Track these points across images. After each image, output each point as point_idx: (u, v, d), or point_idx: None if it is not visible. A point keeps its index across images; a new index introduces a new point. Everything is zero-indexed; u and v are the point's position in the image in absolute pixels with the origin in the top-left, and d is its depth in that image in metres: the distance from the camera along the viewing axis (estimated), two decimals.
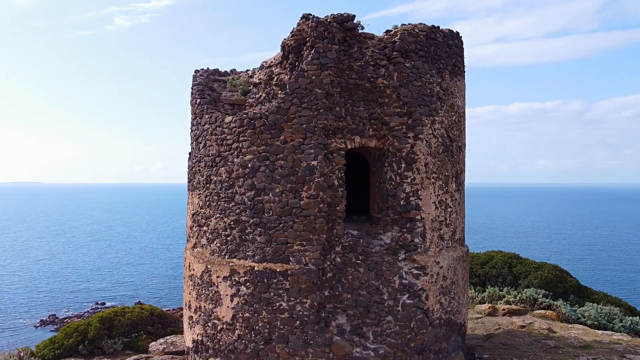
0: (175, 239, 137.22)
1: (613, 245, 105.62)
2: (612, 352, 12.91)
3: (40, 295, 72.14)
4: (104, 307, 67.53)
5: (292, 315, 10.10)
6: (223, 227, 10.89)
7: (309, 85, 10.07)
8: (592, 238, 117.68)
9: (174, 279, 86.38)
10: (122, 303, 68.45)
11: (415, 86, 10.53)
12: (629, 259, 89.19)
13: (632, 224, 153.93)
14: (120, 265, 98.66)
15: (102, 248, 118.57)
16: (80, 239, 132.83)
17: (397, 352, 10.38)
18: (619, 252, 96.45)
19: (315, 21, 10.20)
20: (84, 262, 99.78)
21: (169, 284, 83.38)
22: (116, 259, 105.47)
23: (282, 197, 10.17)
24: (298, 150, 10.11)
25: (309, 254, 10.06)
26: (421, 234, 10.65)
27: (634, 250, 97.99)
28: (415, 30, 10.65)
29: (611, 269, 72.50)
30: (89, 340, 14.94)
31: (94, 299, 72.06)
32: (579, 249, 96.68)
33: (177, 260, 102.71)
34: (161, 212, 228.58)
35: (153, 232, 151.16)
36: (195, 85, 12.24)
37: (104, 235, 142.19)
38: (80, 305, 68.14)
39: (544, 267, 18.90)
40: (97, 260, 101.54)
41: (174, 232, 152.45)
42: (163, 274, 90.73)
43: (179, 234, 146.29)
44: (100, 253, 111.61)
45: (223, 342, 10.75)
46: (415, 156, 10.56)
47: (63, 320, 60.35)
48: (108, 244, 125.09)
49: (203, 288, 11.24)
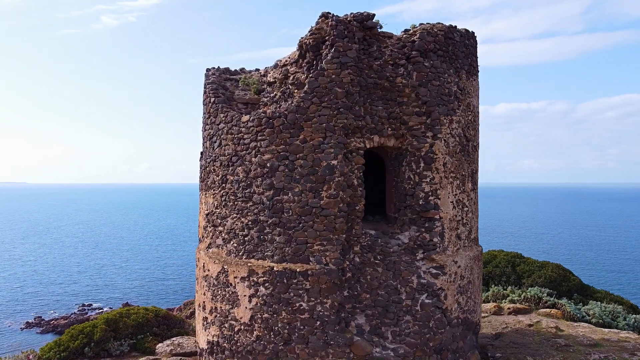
0: (162, 239, 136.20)
1: (601, 244, 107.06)
2: (622, 350, 13.03)
3: (26, 297, 71.08)
4: (91, 308, 66.75)
5: (312, 315, 10.04)
6: (240, 227, 10.78)
7: (328, 84, 10.01)
8: (579, 237, 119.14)
9: (162, 280, 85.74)
10: (109, 305, 67.78)
11: (434, 85, 10.53)
12: (616, 257, 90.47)
13: (616, 224, 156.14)
14: (107, 266, 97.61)
15: (88, 249, 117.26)
16: (66, 240, 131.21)
17: (417, 352, 10.36)
18: (607, 251, 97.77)
19: (335, 20, 10.15)
20: (70, 263, 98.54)
21: (157, 285, 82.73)
22: (103, 259, 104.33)
23: (302, 197, 10.10)
24: (318, 150, 10.05)
25: (329, 254, 10.00)
26: (440, 234, 10.65)
27: (620, 249, 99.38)
28: (434, 30, 10.64)
29: (599, 268, 73.45)
30: (95, 343, 14.71)
31: (81, 300, 71.16)
32: (566, 248, 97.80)
33: (165, 261, 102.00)
34: (148, 213, 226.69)
35: (140, 233, 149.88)
36: (209, 84, 12.11)
37: (90, 236, 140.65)
38: (66, 307, 67.28)
39: (547, 266, 19.05)
40: (83, 261, 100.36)
41: (161, 232, 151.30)
42: (151, 275, 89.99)
43: (166, 234, 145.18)
44: (87, 254, 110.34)
45: (241, 343, 10.65)
46: (434, 155, 10.56)
47: (49, 322, 59.54)
48: (94, 245, 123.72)
49: (219, 289, 11.12)
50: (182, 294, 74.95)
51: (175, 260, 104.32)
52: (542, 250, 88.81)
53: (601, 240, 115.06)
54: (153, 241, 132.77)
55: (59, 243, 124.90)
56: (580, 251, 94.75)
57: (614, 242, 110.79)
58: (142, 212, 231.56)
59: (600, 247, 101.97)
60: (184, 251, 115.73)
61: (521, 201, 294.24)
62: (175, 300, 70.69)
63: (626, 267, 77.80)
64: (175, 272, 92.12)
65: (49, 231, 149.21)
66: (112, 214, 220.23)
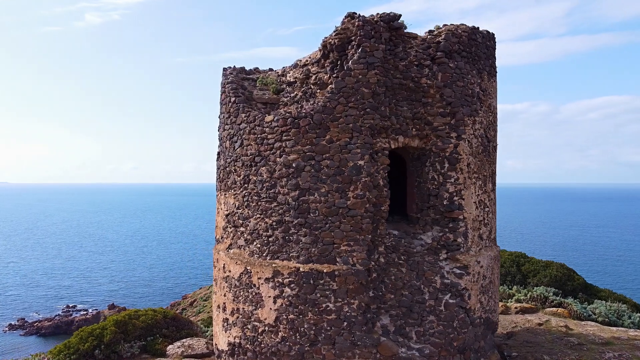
0: (148, 240, 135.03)
1: (585, 243, 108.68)
2: (633, 348, 13.23)
3: (8, 299, 69.87)
4: (75, 310, 65.97)
5: (339, 316, 10.01)
6: (264, 227, 10.71)
7: (355, 85, 10.00)
8: (562, 237, 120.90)
9: (148, 281, 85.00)
10: (94, 306, 67.08)
11: (458, 86, 10.58)
12: (602, 257, 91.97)
13: (599, 224, 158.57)
14: (91, 267, 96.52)
15: (72, 250, 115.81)
16: (49, 241, 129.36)
17: (442, 352, 10.40)
18: (588, 250, 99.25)
19: (362, 20, 10.14)
20: (53, 264, 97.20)
21: (143, 286, 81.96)
22: (87, 261, 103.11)
23: (329, 197, 10.06)
24: (345, 150, 10.03)
25: (356, 255, 9.98)
26: (463, 234, 10.70)
27: (605, 249, 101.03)
28: (458, 31, 10.69)
29: (587, 269, 74.60)
30: (105, 345, 14.52)
31: (65, 302, 70.20)
32: (550, 247, 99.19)
33: (152, 262, 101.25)
34: (133, 213, 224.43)
35: (125, 233, 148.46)
36: (228, 83, 12.02)
37: (74, 237, 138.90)
38: (50, 308, 66.39)
39: (551, 265, 19.28)
40: (67, 263, 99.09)
41: (146, 233, 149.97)
42: (137, 276, 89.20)
43: (152, 235, 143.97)
44: (71, 255, 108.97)
45: (265, 345, 10.58)
46: (458, 156, 10.60)
47: (32, 325, 58.70)
48: (78, 246, 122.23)
49: (241, 290, 11.03)
50: (169, 295, 74.44)
51: (162, 261, 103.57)
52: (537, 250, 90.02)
53: (585, 239, 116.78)
54: (139, 242, 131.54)
55: (42, 244, 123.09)
56: (564, 251, 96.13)
57: (599, 242, 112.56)
58: (127, 212, 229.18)
59: (584, 247, 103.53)
60: (171, 252, 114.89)
61: (506, 202, 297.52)
62: (162, 302, 70.14)
63: (609, 269, 79.22)
64: (161, 273, 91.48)
65: (32, 232, 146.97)
66: (97, 214, 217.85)
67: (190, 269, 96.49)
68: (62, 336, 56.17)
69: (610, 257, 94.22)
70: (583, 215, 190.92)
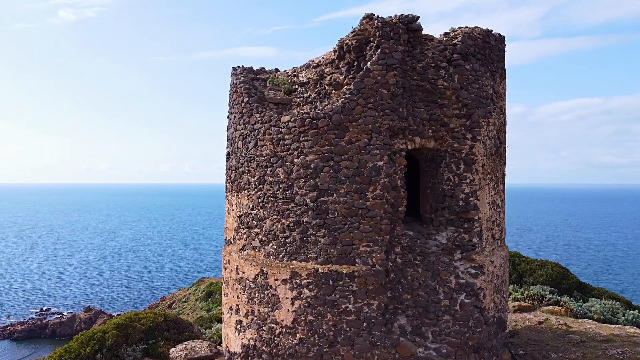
0: (125, 241, 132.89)
1: (559, 243, 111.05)
2: (634, 345, 13.56)
3: None
4: (49, 313, 64.49)
5: (359, 317, 10.01)
6: (281, 228, 10.65)
7: (374, 86, 10.02)
8: (536, 238, 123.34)
9: (125, 284, 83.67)
10: (70, 309, 65.72)
11: (474, 88, 10.70)
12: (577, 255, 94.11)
13: (573, 224, 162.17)
14: (66, 269, 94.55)
15: (46, 251, 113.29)
16: (22, 243, 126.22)
17: (458, 351, 10.49)
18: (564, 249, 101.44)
19: (381, 21, 10.17)
20: (26, 266, 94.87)
21: (120, 289, 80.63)
22: (62, 262, 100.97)
23: (348, 198, 10.06)
24: (364, 151, 10.03)
25: (375, 255, 10.00)
26: (478, 234, 10.83)
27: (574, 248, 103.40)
28: (474, 34, 10.81)
29: None
30: (107, 349, 14.23)
31: (39, 305, 68.60)
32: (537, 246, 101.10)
33: (129, 264, 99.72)
34: (109, 214, 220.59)
35: (102, 235, 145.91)
36: (240, 83, 11.91)
37: (48, 239, 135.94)
38: (23, 312, 64.79)
39: (546, 264, 19.66)
40: (41, 265, 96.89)
41: (123, 234, 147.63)
42: (114, 278, 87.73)
43: (129, 236, 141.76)
44: (45, 257, 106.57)
45: (282, 346, 10.52)
46: (474, 157, 10.72)
47: (5, 329, 57.18)
48: (53, 248, 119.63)
49: (256, 291, 10.95)
50: (146, 297, 73.43)
51: (139, 262, 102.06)
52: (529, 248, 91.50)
53: (559, 239, 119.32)
54: (115, 243, 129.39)
55: (14, 246, 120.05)
56: (541, 251, 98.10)
57: (572, 242, 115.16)
58: (102, 213, 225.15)
59: (558, 246, 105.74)
60: (148, 253, 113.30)
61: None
62: (139, 304, 69.17)
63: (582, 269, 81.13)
64: (138, 275, 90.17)
65: (4, 234, 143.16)
66: (71, 215, 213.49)
67: (168, 270, 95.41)
68: (36, 340, 54.91)
69: (582, 256, 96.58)
70: (557, 215, 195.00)
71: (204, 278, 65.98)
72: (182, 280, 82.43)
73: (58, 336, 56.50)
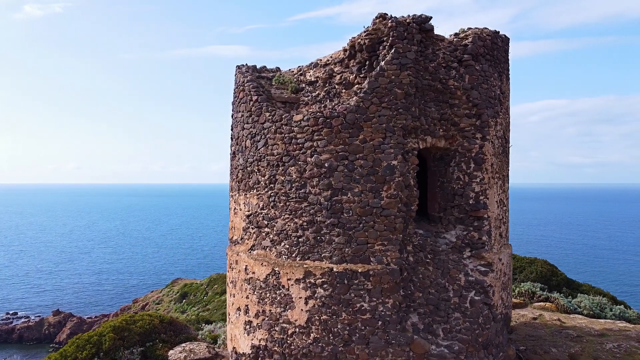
0: (95, 242, 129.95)
1: (528, 242, 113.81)
2: (628, 339, 13.99)
3: None
4: (16, 317, 62.56)
5: (374, 315, 10.04)
6: (293, 228, 10.59)
7: (388, 85, 10.06)
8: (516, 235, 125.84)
9: (96, 286, 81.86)
10: (38, 313, 63.98)
11: (483, 89, 10.86)
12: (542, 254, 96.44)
13: (541, 222, 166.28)
14: (33, 272, 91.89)
15: (11, 254, 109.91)
16: None
17: (469, 348, 10.63)
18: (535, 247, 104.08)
19: (394, 21, 10.21)
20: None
21: (90, 291, 78.83)
22: (29, 265, 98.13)
23: (362, 197, 10.07)
24: (378, 150, 10.07)
25: (390, 254, 10.05)
26: (487, 232, 10.99)
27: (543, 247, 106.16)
28: (483, 35, 10.97)
29: None
30: (104, 352, 13.90)
31: (5, 309, 66.48)
32: None
33: (99, 266, 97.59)
34: (78, 215, 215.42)
35: (70, 236, 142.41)
36: (249, 82, 11.80)
37: (13, 241, 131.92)
38: None
39: (536, 262, 20.11)
40: (6, 268, 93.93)
41: (93, 235, 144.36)
42: (84, 281, 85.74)
43: (99, 238, 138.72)
44: (10, 259, 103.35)
45: (295, 346, 10.46)
46: (484, 157, 10.87)
47: None
48: (19, 250, 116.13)
49: (267, 291, 10.86)
50: (118, 300, 72.03)
51: (110, 265, 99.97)
52: None
53: (529, 237, 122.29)
54: (84, 245, 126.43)
55: None
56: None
57: (541, 241, 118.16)
58: (72, 214, 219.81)
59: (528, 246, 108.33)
60: (119, 255, 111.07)
61: None
62: (111, 306, 67.85)
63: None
64: (110, 277, 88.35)
65: None
66: (37, 216, 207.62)
67: (139, 272, 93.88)
68: (1, 345, 53.29)
69: (554, 254, 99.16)
70: (526, 214, 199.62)
71: (177, 279, 65.07)
72: (154, 282, 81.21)
73: (26, 341, 55.04)
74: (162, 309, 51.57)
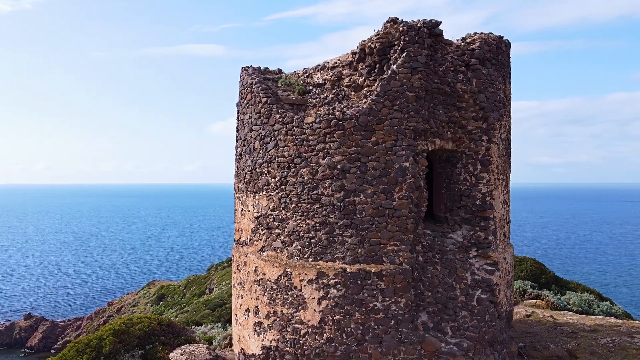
0: (67, 244, 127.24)
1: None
2: (619, 334, 14.49)
3: None
4: None
5: (387, 315, 10.20)
6: (305, 229, 10.67)
7: (400, 88, 10.24)
8: None
9: (68, 289, 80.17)
10: (9, 317, 62.41)
11: (489, 92, 11.14)
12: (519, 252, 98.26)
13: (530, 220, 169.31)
14: (2, 275, 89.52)
15: None
16: None
17: (477, 345, 10.90)
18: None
19: (406, 26, 10.40)
20: None
21: (63, 295, 77.17)
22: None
23: (375, 198, 10.23)
24: (390, 152, 10.24)
25: (402, 254, 10.23)
26: (493, 232, 11.28)
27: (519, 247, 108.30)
28: (489, 39, 11.26)
29: None
30: (104, 356, 13.73)
31: None
32: None
33: (72, 269, 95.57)
34: (49, 216, 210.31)
35: (42, 238, 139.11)
36: (257, 84, 11.83)
37: None
38: None
39: (525, 260, 20.63)
40: None
41: (64, 237, 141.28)
42: (56, 284, 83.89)
43: (71, 240, 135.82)
44: None
45: (307, 346, 10.55)
46: (490, 158, 11.16)
47: None
48: None
49: (279, 292, 10.92)
50: (92, 303, 70.74)
51: (84, 267, 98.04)
52: None
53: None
54: (56, 247, 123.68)
55: None
56: None
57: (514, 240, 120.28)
58: (42, 215, 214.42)
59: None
60: (92, 257, 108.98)
61: None
62: (85, 309, 66.64)
63: None
64: (83, 280, 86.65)
65: None
66: (6, 218, 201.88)
67: (114, 274, 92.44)
68: None
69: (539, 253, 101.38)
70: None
71: (153, 281, 64.24)
72: (130, 284, 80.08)
73: None
74: (139, 311, 50.78)
